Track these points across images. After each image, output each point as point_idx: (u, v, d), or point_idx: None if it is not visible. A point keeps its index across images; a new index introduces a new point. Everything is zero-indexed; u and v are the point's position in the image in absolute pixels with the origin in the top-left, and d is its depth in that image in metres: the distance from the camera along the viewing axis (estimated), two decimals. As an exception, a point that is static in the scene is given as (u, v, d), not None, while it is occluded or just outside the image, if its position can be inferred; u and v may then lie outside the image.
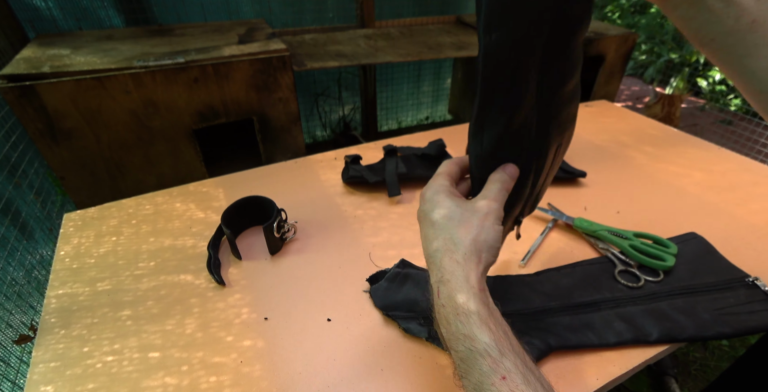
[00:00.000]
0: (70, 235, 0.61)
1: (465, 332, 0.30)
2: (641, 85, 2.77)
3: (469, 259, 0.33)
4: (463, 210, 0.36)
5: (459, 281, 0.32)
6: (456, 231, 0.35)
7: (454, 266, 0.33)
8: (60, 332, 0.47)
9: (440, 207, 0.37)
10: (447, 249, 0.35)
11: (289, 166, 0.77)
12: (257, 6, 1.49)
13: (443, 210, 0.37)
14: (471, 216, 0.36)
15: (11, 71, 0.88)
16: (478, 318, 0.30)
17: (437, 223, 0.36)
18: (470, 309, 0.30)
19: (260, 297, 0.51)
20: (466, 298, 0.31)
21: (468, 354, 0.29)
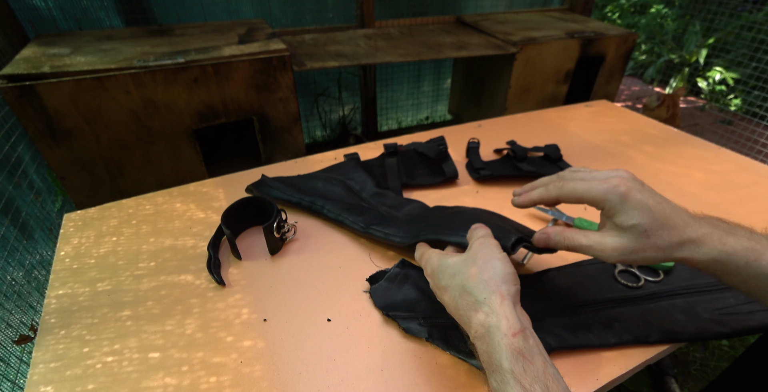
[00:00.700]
0: (70, 235, 0.61)
1: (501, 390, 0.30)
2: (641, 85, 2.77)
3: (491, 301, 0.34)
4: (463, 260, 0.38)
5: (492, 335, 0.32)
6: (465, 281, 0.36)
7: (481, 317, 0.33)
8: (60, 332, 0.47)
9: (443, 271, 0.39)
10: (467, 304, 0.35)
11: (289, 166, 0.77)
12: (257, 6, 1.49)
13: (447, 271, 0.39)
14: (470, 260, 0.38)
15: (11, 71, 0.88)
16: (512, 377, 0.30)
17: (449, 286, 0.38)
18: (503, 368, 0.30)
19: (260, 297, 0.51)
20: (498, 356, 0.31)
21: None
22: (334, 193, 0.65)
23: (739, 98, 2.33)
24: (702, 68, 2.45)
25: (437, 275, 0.40)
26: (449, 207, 0.62)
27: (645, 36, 2.77)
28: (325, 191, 0.66)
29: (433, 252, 0.43)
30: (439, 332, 0.45)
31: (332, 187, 0.67)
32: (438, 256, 0.42)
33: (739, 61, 2.28)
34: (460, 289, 0.36)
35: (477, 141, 0.81)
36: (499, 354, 0.31)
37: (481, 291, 0.35)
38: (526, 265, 0.56)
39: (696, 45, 2.40)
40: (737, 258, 0.34)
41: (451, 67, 1.94)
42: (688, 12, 2.52)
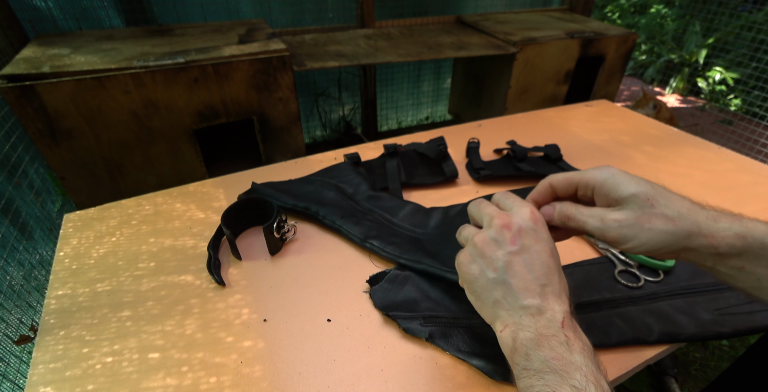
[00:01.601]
0: (70, 236, 0.61)
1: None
2: (641, 85, 2.77)
3: (543, 310, 0.31)
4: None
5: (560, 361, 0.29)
6: (510, 283, 0.33)
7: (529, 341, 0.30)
8: (59, 333, 0.47)
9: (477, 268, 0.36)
10: (513, 322, 0.32)
11: (289, 166, 0.77)
12: (257, 6, 1.49)
13: (489, 269, 0.35)
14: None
15: (11, 71, 0.88)
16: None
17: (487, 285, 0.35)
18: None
19: (260, 297, 0.51)
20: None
21: None
22: (327, 198, 0.64)
23: (739, 98, 2.33)
24: (702, 68, 2.45)
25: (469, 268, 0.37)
26: (447, 211, 0.61)
27: (645, 36, 2.77)
28: (318, 196, 0.65)
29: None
30: (439, 332, 0.45)
31: (326, 191, 0.66)
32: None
33: (739, 61, 2.28)
34: (502, 292, 0.35)
35: (477, 141, 0.81)
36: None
37: (525, 297, 0.34)
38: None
39: (696, 45, 2.40)
40: (759, 233, 0.31)
41: (451, 67, 1.94)
42: (688, 12, 2.52)
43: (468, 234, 0.37)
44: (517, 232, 0.34)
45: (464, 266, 0.36)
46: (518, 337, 0.31)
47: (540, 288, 0.31)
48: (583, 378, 0.27)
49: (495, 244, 0.34)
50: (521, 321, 0.31)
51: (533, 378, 0.29)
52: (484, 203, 0.38)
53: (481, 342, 0.44)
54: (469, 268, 0.35)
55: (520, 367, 0.30)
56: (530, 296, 0.31)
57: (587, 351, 0.29)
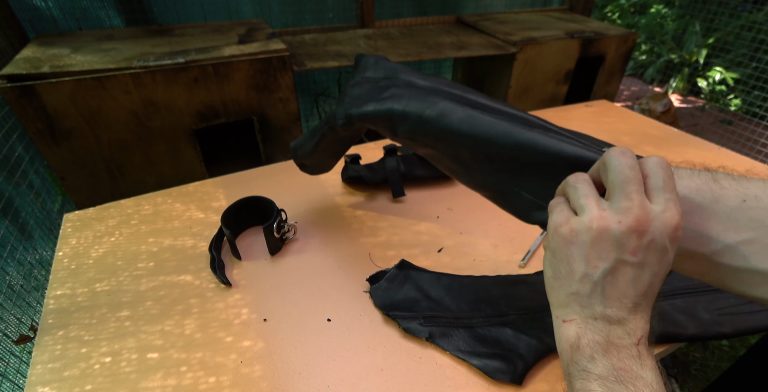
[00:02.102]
0: (69, 236, 0.61)
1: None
2: (641, 85, 2.77)
3: (625, 322, 0.28)
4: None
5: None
6: (605, 289, 0.29)
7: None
8: (58, 333, 0.47)
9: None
10: (583, 320, 0.29)
11: (289, 166, 0.77)
12: (257, 6, 1.49)
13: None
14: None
15: (11, 71, 0.88)
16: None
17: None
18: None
19: (260, 297, 0.51)
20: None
21: None
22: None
23: (739, 98, 2.33)
24: (702, 68, 2.44)
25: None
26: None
27: (645, 36, 2.77)
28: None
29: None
30: (439, 332, 0.45)
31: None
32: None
33: (739, 61, 2.28)
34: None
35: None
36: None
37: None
38: (525, 266, 0.56)
39: (696, 45, 2.40)
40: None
41: (451, 67, 1.94)
42: (688, 12, 2.52)
43: (586, 204, 0.29)
44: (647, 246, 0.27)
45: (561, 239, 0.30)
46: (585, 336, 0.28)
47: (633, 305, 0.28)
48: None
49: (613, 243, 0.28)
50: (594, 324, 0.28)
51: (594, 382, 0.26)
52: (628, 169, 0.28)
53: (481, 342, 0.44)
54: (567, 247, 0.29)
55: (580, 367, 0.28)
56: (618, 308, 0.28)
57: (660, 373, 0.27)
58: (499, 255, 0.57)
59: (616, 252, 0.28)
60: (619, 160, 0.29)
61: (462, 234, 0.61)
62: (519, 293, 0.50)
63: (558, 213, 0.31)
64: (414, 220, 0.64)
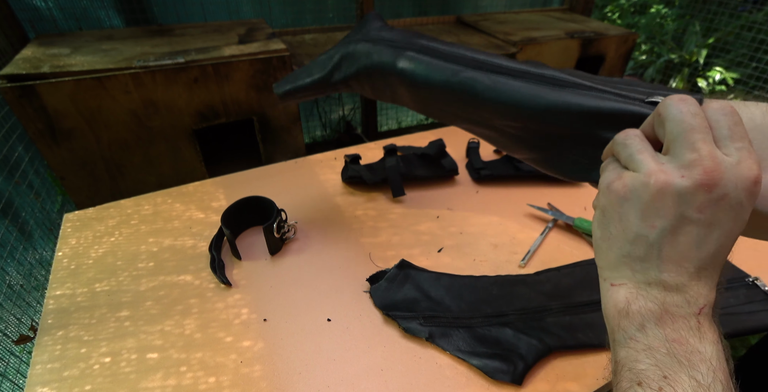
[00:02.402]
0: (69, 236, 0.61)
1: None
2: (641, 85, 2.77)
3: (685, 289, 0.24)
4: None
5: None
6: (662, 250, 0.25)
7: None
8: (58, 333, 0.47)
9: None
10: (635, 285, 0.26)
11: (289, 166, 0.77)
12: (257, 6, 1.49)
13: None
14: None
15: (11, 71, 0.88)
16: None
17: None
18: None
19: (260, 297, 0.51)
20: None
21: None
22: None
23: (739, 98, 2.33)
24: (702, 68, 2.45)
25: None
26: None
27: (645, 36, 2.77)
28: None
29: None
30: (439, 332, 0.45)
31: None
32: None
33: (739, 61, 2.28)
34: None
35: (477, 141, 0.81)
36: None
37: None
38: (525, 266, 0.56)
39: (696, 45, 2.40)
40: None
41: (451, 67, 1.93)
42: (688, 12, 2.52)
43: (641, 159, 0.25)
44: (717, 201, 0.23)
45: (613, 195, 0.26)
46: (636, 302, 0.25)
47: (696, 270, 0.24)
48: (709, 373, 0.22)
49: (675, 199, 0.24)
50: (648, 289, 0.25)
51: (642, 353, 0.24)
52: (691, 117, 0.24)
53: (481, 342, 0.44)
54: (620, 204, 0.26)
55: (627, 335, 0.25)
56: (677, 273, 0.24)
57: (723, 348, 0.24)
58: (499, 255, 0.57)
59: (679, 209, 0.24)
60: (678, 108, 0.24)
61: (462, 235, 0.61)
62: (519, 293, 0.50)
63: (610, 171, 0.27)
64: (414, 220, 0.64)
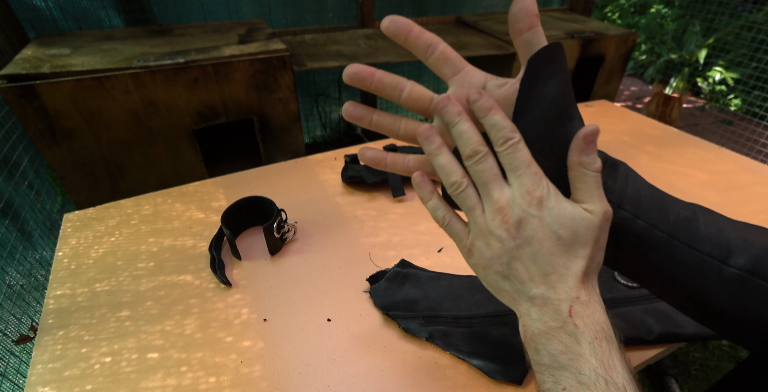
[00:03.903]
0: (69, 236, 0.61)
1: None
2: (641, 85, 2.77)
3: (549, 300, 0.28)
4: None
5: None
6: (517, 275, 0.30)
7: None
8: (58, 333, 0.47)
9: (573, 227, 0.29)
10: (524, 313, 0.29)
11: (289, 166, 0.77)
12: (257, 6, 1.49)
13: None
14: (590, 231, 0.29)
15: (11, 71, 0.88)
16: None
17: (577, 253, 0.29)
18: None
19: (260, 297, 0.51)
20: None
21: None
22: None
23: (739, 98, 2.33)
24: (702, 68, 2.45)
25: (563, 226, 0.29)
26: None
27: (645, 36, 2.77)
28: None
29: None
30: (439, 332, 0.45)
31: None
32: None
33: (739, 61, 2.28)
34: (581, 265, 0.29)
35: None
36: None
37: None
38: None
39: (696, 45, 2.40)
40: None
41: (451, 67, 1.94)
42: (688, 12, 2.52)
43: (471, 205, 0.31)
44: (517, 225, 0.29)
45: (474, 253, 0.31)
46: (528, 331, 0.29)
47: (543, 277, 0.28)
48: (592, 373, 0.25)
49: (497, 239, 0.29)
50: (530, 312, 0.29)
51: (544, 373, 0.27)
52: (481, 162, 0.29)
53: (481, 342, 0.44)
54: (480, 256, 0.31)
55: (533, 361, 0.29)
56: (535, 286, 0.29)
57: (600, 339, 0.27)
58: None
59: (503, 244, 0.29)
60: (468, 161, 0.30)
61: (462, 234, 0.61)
62: (519, 293, 0.50)
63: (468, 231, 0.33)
64: (414, 220, 0.64)
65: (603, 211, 0.28)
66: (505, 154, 0.29)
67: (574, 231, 0.28)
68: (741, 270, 0.29)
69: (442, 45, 0.32)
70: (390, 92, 0.33)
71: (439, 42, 0.32)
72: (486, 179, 0.29)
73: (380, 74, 0.32)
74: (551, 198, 0.28)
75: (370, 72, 0.32)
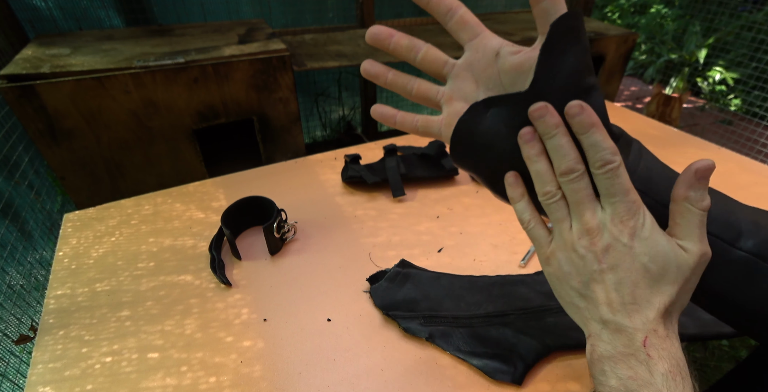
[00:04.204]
0: (69, 236, 0.61)
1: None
2: (641, 85, 2.77)
3: (623, 328, 0.28)
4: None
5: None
6: (593, 297, 0.29)
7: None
8: (59, 333, 0.47)
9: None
10: (594, 333, 0.29)
11: (289, 166, 0.77)
12: (257, 6, 1.49)
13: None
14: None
15: (11, 71, 0.88)
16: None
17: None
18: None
19: (260, 297, 0.51)
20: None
21: None
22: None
23: (739, 98, 2.33)
24: (702, 68, 2.45)
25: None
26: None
27: (645, 36, 2.77)
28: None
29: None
30: (439, 332, 0.45)
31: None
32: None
33: (739, 61, 2.28)
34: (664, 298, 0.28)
35: (477, 141, 0.81)
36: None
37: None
38: (525, 266, 0.56)
39: (696, 45, 2.40)
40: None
41: (451, 67, 1.94)
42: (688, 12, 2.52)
43: (560, 218, 0.30)
44: (604, 251, 0.28)
45: (552, 263, 0.31)
46: (596, 350, 0.29)
47: (622, 306, 0.28)
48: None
49: (580, 258, 0.29)
50: (601, 334, 0.29)
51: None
52: (576, 180, 0.29)
53: (481, 342, 0.44)
54: (558, 268, 0.31)
55: (597, 381, 0.28)
56: (611, 312, 0.28)
57: (675, 374, 0.26)
58: (499, 255, 0.57)
59: (586, 263, 0.29)
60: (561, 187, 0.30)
61: (462, 235, 0.61)
62: (519, 293, 0.50)
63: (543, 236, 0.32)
64: (414, 220, 0.64)
65: (701, 253, 0.27)
66: (604, 178, 0.28)
67: (664, 268, 0.27)
68: (749, 254, 0.29)
69: (462, 10, 0.32)
70: (406, 54, 0.34)
71: (460, 6, 0.32)
72: (579, 199, 0.29)
73: (398, 36, 0.33)
74: (645, 229, 0.28)
75: (390, 33, 0.33)
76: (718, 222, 0.30)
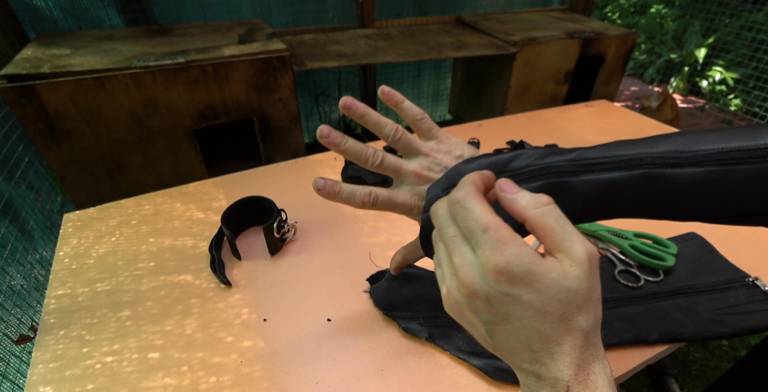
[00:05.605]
0: (70, 236, 0.61)
1: None
2: (641, 85, 2.77)
3: (543, 376, 0.25)
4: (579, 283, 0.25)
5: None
6: (502, 347, 0.27)
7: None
8: (59, 333, 0.47)
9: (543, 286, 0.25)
10: (523, 382, 0.27)
11: (289, 166, 0.77)
12: (257, 6, 1.49)
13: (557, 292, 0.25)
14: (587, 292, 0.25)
15: (11, 71, 0.88)
16: None
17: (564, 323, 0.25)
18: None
19: (260, 297, 0.51)
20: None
21: None
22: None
23: (739, 98, 2.33)
24: (702, 68, 2.45)
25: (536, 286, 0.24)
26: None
27: (645, 36, 2.77)
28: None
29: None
30: (439, 332, 0.45)
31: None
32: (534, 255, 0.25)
33: (739, 61, 2.28)
34: (580, 332, 0.26)
35: (477, 141, 0.81)
36: None
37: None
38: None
39: (696, 45, 2.40)
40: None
41: (451, 67, 1.94)
42: (688, 12, 2.52)
43: (446, 274, 0.28)
44: (486, 302, 0.25)
45: (455, 315, 0.29)
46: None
47: (530, 354, 0.26)
48: None
49: (471, 310, 0.27)
50: (527, 381, 0.27)
51: None
52: (446, 236, 0.27)
53: (481, 342, 0.44)
54: (462, 320, 0.29)
55: None
56: (525, 361, 0.26)
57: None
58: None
59: (478, 316, 0.26)
60: (434, 235, 0.31)
61: (462, 234, 0.61)
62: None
63: (444, 295, 0.30)
64: (414, 220, 0.64)
65: (586, 254, 0.25)
66: (459, 218, 0.27)
67: (563, 303, 0.24)
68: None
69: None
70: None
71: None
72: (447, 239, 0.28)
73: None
74: (523, 265, 0.24)
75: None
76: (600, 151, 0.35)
